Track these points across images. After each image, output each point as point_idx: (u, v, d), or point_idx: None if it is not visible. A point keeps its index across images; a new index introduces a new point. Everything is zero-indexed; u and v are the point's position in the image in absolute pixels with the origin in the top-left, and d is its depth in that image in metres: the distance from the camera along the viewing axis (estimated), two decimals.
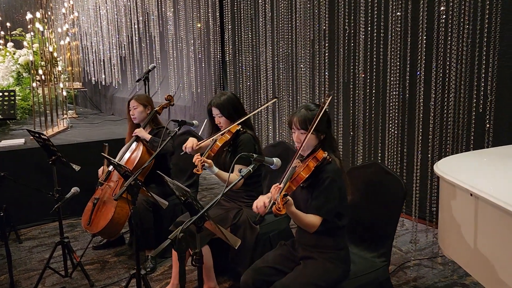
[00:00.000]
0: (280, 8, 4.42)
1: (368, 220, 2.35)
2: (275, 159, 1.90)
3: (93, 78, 8.09)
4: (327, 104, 1.97)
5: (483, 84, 2.98)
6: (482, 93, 2.98)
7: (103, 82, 7.95)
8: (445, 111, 3.26)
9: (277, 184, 1.83)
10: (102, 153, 2.70)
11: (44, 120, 4.61)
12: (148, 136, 3.19)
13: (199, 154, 2.44)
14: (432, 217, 3.44)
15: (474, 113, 3.08)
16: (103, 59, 7.73)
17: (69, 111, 6.03)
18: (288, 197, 1.75)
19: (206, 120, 5.33)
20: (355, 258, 2.22)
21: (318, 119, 1.92)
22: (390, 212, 2.29)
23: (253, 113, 2.73)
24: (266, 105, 2.95)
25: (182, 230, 1.52)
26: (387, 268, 2.27)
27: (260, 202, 1.89)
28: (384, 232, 2.30)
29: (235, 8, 5.05)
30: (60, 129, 4.85)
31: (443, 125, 3.28)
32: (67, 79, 6.76)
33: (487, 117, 2.94)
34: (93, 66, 8.01)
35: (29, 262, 3.32)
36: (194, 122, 2.72)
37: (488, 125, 2.92)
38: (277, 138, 4.74)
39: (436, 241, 3.43)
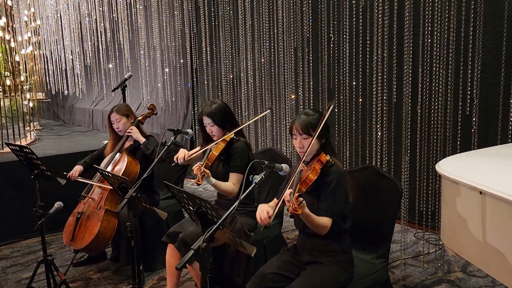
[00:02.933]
0: (262, 15, 4.44)
1: (365, 222, 2.39)
2: (284, 165, 1.91)
3: (54, 88, 7.78)
4: (329, 112, 2.01)
5: (468, 89, 3.13)
6: (468, 97, 3.14)
7: (66, 92, 7.66)
8: (432, 115, 3.38)
9: (290, 190, 1.84)
10: (95, 165, 2.60)
11: (10, 132, 4.38)
12: (142, 139, 3.13)
13: (199, 163, 2.39)
14: (421, 219, 3.55)
15: (460, 116, 3.23)
16: (65, 68, 7.46)
17: (33, 123, 5.76)
18: (301, 198, 1.76)
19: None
20: (355, 260, 2.25)
21: (323, 122, 1.97)
22: (386, 214, 2.35)
23: (248, 123, 2.72)
24: (261, 115, 2.96)
25: (205, 240, 1.49)
26: (387, 269, 2.33)
27: (264, 213, 1.90)
28: (382, 233, 2.35)
29: (213, 14, 5.03)
30: (28, 142, 4.62)
31: (430, 129, 3.41)
32: (27, 89, 6.46)
33: (473, 120, 3.10)
34: (53, 76, 7.71)
35: (5, 284, 3.13)
36: (189, 131, 2.68)
37: (474, 128, 3.08)
38: (260, 145, 4.75)
39: (417, 240, 3.55)
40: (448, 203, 1.87)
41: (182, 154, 2.59)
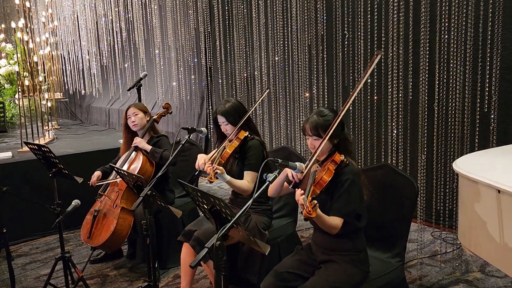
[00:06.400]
0: (276, 13, 4.43)
1: (381, 221, 2.37)
2: (297, 164, 1.91)
3: (72, 88, 7.91)
4: (375, 62, 1.95)
5: (487, 85, 3.07)
6: (486, 93, 3.08)
7: (83, 92, 7.78)
8: (449, 112, 3.33)
9: (302, 191, 1.83)
10: (110, 164, 2.63)
11: (29, 132, 4.46)
12: (148, 147, 3.13)
13: (210, 162, 2.41)
14: (439, 217, 3.50)
15: (478, 114, 3.17)
16: (82, 68, 7.57)
17: (52, 122, 5.85)
18: (315, 201, 1.76)
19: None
20: (370, 259, 2.23)
21: (334, 126, 1.96)
22: (402, 213, 2.32)
23: (251, 110, 2.72)
24: (261, 98, 2.96)
25: (218, 238, 1.50)
26: (403, 268, 2.31)
27: (201, 160, 2.24)
28: (397, 232, 2.33)
29: (227, 13, 5.04)
30: (47, 141, 4.70)
31: (447, 126, 3.36)
32: (45, 89, 6.57)
33: (492, 117, 3.04)
34: (71, 76, 7.83)
35: (24, 280, 3.20)
36: (203, 129, 2.69)
37: (492, 125, 3.02)
38: (274, 144, 4.75)
39: (434, 239, 3.50)
40: (465, 202, 1.84)
41: (202, 160, 2.55)
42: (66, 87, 7.95)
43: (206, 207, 1.82)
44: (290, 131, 4.60)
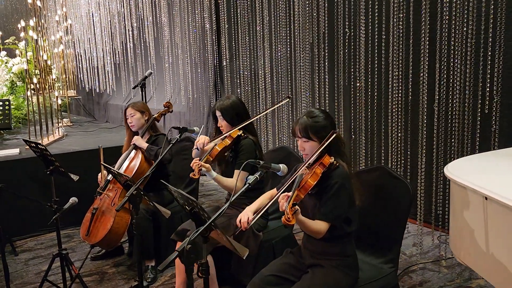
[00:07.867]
0: (278, 12, 4.40)
1: (374, 225, 2.31)
2: (281, 166, 1.86)
3: (87, 86, 8.03)
4: (330, 140, 1.91)
5: (488, 85, 2.96)
6: (487, 94, 2.96)
7: (97, 89, 7.89)
8: (450, 113, 3.23)
9: (286, 193, 1.77)
10: (102, 163, 2.64)
11: (39, 129, 4.54)
12: (145, 145, 3.14)
13: (197, 158, 2.40)
14: (438, 221, 3.40)
15: (479, 115, 3.06)
16: (97, 66, 7.68)
17: (64, 119, 5.95)
18: (297, 206, 1.70)
19: (202, 126, 5.30)
20: (362, 264, 2.17)
21: (320, 126, 1.92)
22: (397, 217, 2.25)
23: (256, 117, 2.69)
24: (278, 105, 2.92)
25: (190, 241, 1.47)
26: (396, 274, 2.24)
27: (245, 217, 1.94)
28: (391, 237, 2.26)
29: (232, 12, 5.02)
30: (56, 138, 4.77)
31: (447, 127, 3.26)
32: (60, 87, 6.69)
33: (493, 118, 2.92)
34: (87, 74, 7.96)
35: (25, 275, 3.25)
36: (195, 128, 2.68)
37: (494, 127, 2.91)
38: (277, 143, 4.70)
39: (439, 244, 3.40)
40: (455, 208, 1.77)
41: (202, 140, 2.59)
42: (83, 84, 8.08)
43: (187, 208, 1.80)
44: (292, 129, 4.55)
